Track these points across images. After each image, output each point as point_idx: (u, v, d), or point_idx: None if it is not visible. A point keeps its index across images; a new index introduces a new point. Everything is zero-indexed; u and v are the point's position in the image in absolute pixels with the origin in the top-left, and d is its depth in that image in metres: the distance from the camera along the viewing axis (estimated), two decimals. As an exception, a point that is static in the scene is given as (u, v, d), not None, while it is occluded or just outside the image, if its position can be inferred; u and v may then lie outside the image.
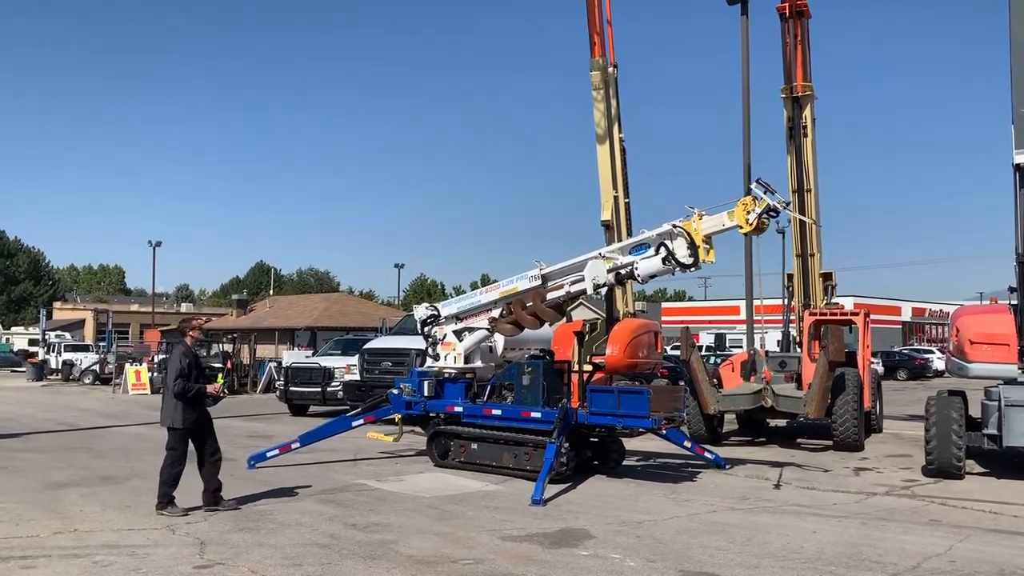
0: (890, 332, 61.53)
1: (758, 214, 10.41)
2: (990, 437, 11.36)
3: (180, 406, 8.91)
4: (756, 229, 10.56)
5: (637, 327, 18.16)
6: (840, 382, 14.55)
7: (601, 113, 19.04)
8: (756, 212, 10.40)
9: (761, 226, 10.56)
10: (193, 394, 8.97)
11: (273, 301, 64.23)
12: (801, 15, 18.65)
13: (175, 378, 8.87)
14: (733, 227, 10.61)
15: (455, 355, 12.71)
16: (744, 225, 10.48)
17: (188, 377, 8.92)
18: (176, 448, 8.96)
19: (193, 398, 9.00)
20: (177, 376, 8.86)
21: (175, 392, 8.87)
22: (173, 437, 8.99)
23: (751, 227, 10.47)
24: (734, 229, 10.65)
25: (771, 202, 10.43)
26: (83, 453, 13.88)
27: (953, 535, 8.25)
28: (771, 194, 10.47)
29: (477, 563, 7.09)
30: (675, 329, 24.19)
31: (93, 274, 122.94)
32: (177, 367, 8.91)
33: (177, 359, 9.00)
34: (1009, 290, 12.75)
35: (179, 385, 8.85)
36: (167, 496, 8.86)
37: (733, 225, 10.58)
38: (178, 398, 8.89)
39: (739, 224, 10.51)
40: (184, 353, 9.08)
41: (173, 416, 8.94)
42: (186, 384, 8.88)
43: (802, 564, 7.13)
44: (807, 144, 18.71)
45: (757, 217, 10.41)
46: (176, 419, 8.93)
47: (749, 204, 10.45)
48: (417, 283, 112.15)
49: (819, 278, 18.73)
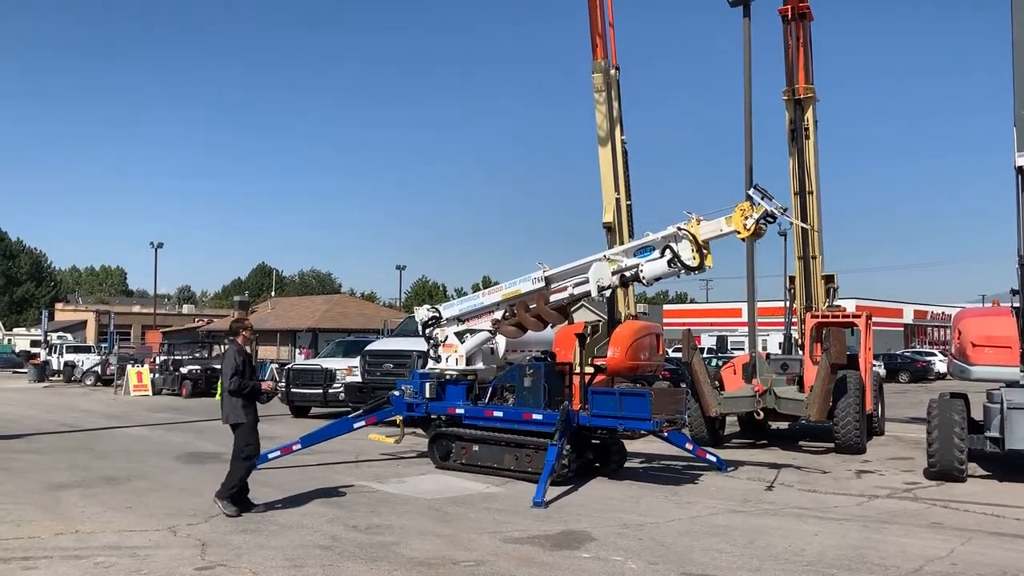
0: (892, 335, 61.49)
1: (756, 219, 10.50)
2: (992, 440, 11.35)
3: (239, 402, 9.11)
4: (754, 234, 10.64)
5: (639, 329, 18.18)
6: (842, 385, 14.54)
7: (603, 115, 19.04)
8: (754, 217, 10.49)
9: (759, 231, 10.64)
10: (248, 391, 9.18)
11: (275, 303, 64.31)
12: (803, 17, 18.63)
13: (231, 375, 9.07)
14: (731, 232, 10.69)
15: (457, 357, 12.70)
16: (742, 230, 10.56)
17: (242, 375, 9.11)
18: (250, 444, 9.14)
19: (249, 394, 9.21)
20: (232, 374, 9.07)
21: (230, 389, 9.09)
22: (242, 433, 9.15)
23: (749, 232, 10.55)
24: (732, 234, 10.72)
25: (769, 207, 10.52)
26: (85, 454, 13.89)
27: (955, 538, 8.24)
28: (768, 199, 10.55)
29: (478, 565, 7.09)
30: (677, 331, 24.19)
31: (95, 275, 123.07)
32: (232, 365, 9.12)
33: (232, 357, 9.21)
34: (1011, 292, 12.73)
35: (235, 382, 9.06)
36: (230, 491, 8.97)
37: (731, 230, 10.67)
38: (233, 395, 9.10)
39: (737, 229, 10.60)
40: (238, 352, 9.30)
41: (236, 413, 9.13)
42: (241, 381, 9.09)
43: (804, 567, 7.12)
44: (809, 146, 18.69)
45: (755, 222, 10.50)
46: (239, 415, 9.13)
47: (747, 209, 10.54)
48: (419, 285, 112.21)
49: (821, 280, 18.70)
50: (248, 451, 9.12)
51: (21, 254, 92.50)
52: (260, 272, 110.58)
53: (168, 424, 19.46)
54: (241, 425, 9.15)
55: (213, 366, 30.22)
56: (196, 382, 29.33)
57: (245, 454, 9.10)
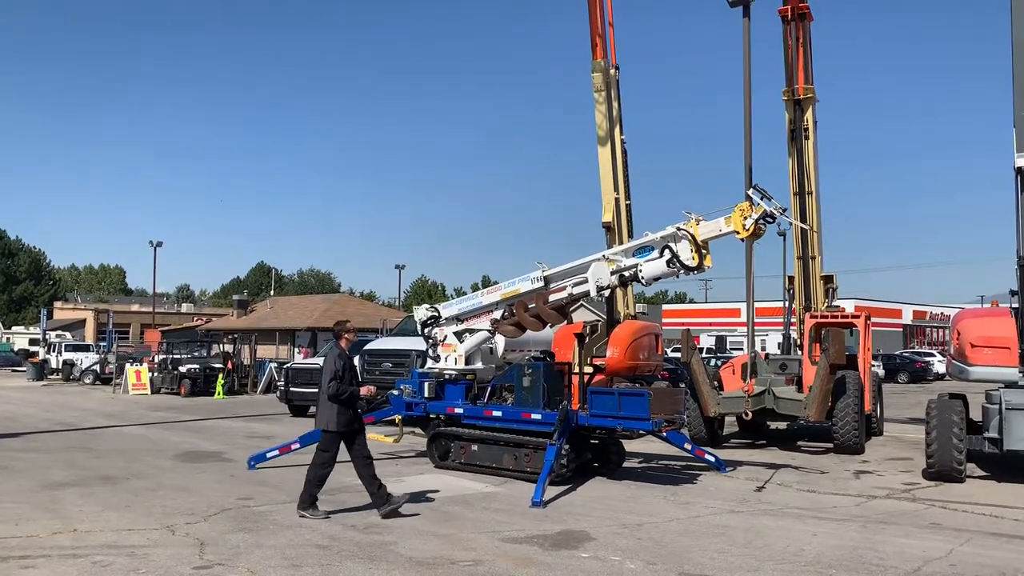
0: (891, 335, 61.52)
1: (755, 219, 10.56)
2: (991, 440, 11.34)
3: (336, 408, 8.91)
4: (753, 235, 10.69)
5: (638, 329, 18.17)
6: (841, 385, 14.54)
7: (602, 115, 19.03)
8: (753, 218, 10.54)
9: (758, 231, 10.70)
10: (347, 396, 8.97)
11: (274, 302, 64.27)
12: (803, 18, 18.64)
13: (329, 380, 8.86)
14: (730, 232, 10.73)
15: (456, 356, 12.70)
16: (741, 231, 10.59)
17: (342, 379, 8.91)
18: (328, 450, 8.97)
19: (347, 400, 9.00)
20: (331, 378, 8.85)
21: (329, 394, 8.88)
22: (326, 439, 9.00)
23: (748, 232, 10.59)
24: (732, 234, 10.73)
25: (768, 208, 10.58)
26: (83, 453, 13.87)
27: (954, 538, 8.24)
28: (768, 200, 10.59)
29: (477, 565, 7.08)
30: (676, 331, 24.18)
31: (94, 274, 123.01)
32: (332, 369, 8.89)
33: (332, 362, 8.97)
34: (1010, 293, 12.74)
35: (333, 387, 8.85)
36: (312, 497, 8.87)
37: (730, 230, 10.70)
38: (332, 400, 8.89)
39: (736, 229, 10.63)
40: (339, 356, 9.07)
41: (329, 418, 8.94)
42: (340, 386, 8.88)
43: (802, 567, 7.11)
44: (808, 147, 18.69)
45: (754, 222, 10.56)
46: (332, 421, 8.92)
47: (746, 210, 10.57)
48: (418, 284, 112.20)
49: (820, 281, 18.71)
50: (326, 457, 8.93)
51: (20, 252, 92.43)
52: (259, 271, 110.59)
53: (166, 423, 19.45)
54: (330, 433, 8.95)
55: (212, 365, 30.26)
56: (195, 381, 29.31)
57: (323, 461, 8.92)
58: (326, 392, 8.90)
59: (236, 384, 30.22)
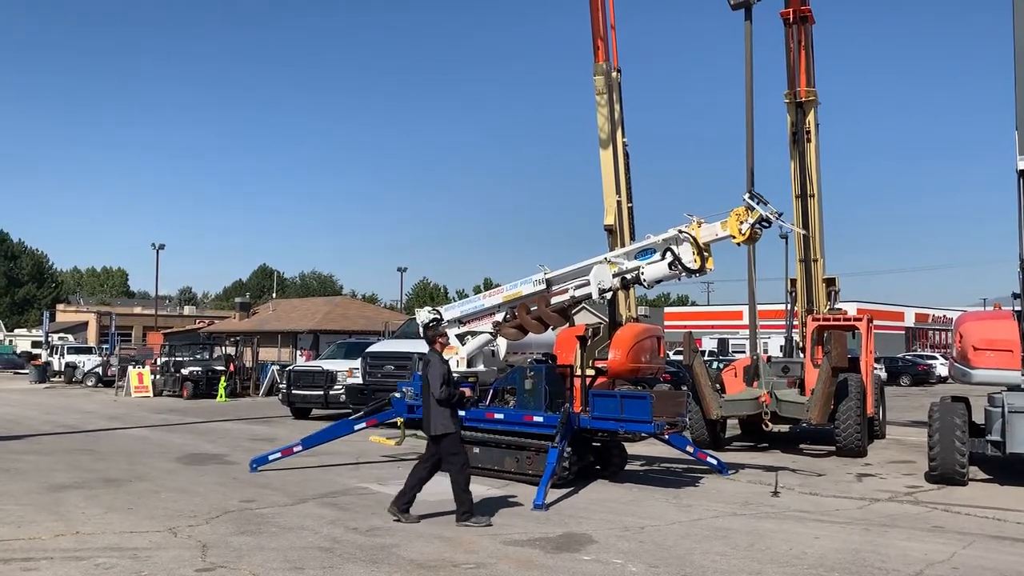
0: (893, 338, 61.45)
1: (751, 224, 10.62)
2: (993, 444, 11.33)
3: (447, 412, 8.93)
4: (749, 239, 10.75)
5: (640, 332, 18.17)
6: (843, 388, 14.53)
7: (604, 118, 19.04)
8: (749, 222, 10.62)
9: (754, 236, 10.77)
10: (457, 399, 9.08)
11: (276, 304, 64.27)
12: (805, 20, 18.64)
13: (440, 385, 8.86)
14: (727, 237, 10.79)
15: (458, 359, 12.69)
16: (737, 235, 10.67)
17: (448, 383, 8.95)
18: (458, 452, 8.96)
19: (458, 403, 9.12)
20: (442, 383, 8.87)
21: (440, 398, 8.87)
22: (451, 443, 8.94)
23: (744, 237, 10.67)
24: (728, 239, 10.78)
25: (763, 212, 10.66)
26: (85, 455, 13.89)
27: (956, 542, 8.23)
28: (763, 204, 10.65)
29: (479, 567, 7.09)
30: (678, 334, 24.19)
31: (96, 277, 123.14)
32: (440, 374, 8.93)
33: (438, 366, 9.02)
34: (1013, 296, 12.72)
35: (445, 392, 8.87)
36: (469, 503, 8.79)
37: (726, 235, 10.76)
38: (443, 404, 8.90)
39: (732, 234, 10.71)
40: (441, 360, 9.15)
41: (444, 423, 8.92)
42: (451, 390, 8.93)
43: (804, 570, 7.11)
44: (810, 149, 18.68)
45: (750, 227, 10.63)
46: (448, 424, 8.92)
47: (742, 214, 10.65)
48: (420, 287, 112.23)
49: (822, 283, 18.70)
50: (460, 460, 8.93)
51: (23, 255, 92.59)
52: (261, 274, 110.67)
53: (169, 425, 19.47)
54: (450, 435, 8.91)
55: (214, 367, 30.29)
56: (197, 383, 29.34)
57: (459, 463, 8.92)
58: (438, 397, 8.86)
59: (238, 387, 30.24)
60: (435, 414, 8.93)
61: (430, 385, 8.93)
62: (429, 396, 8.96)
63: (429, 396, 8.96)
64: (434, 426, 8.93)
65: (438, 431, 8.91)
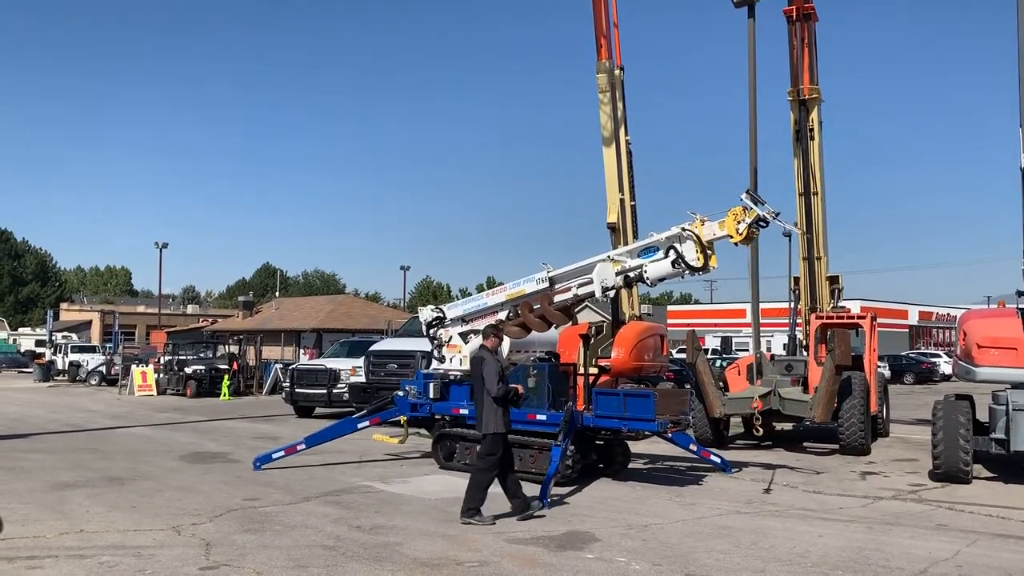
0: (897, 336, 61.36)
1: (748, 224, 10.65)
2: (997, 441, 11.31)
3: (500, 411, 8.88)
4: (746, 239, 10.80)
5: (643, 330, 18.14)
6: (847, 386, 14.51)
7: (607, 115, 19.01)
8: (746, 222, 10.68)
9: (751, 236, 10.81)
10: (513, 396, 9.02)
11: (279, 303, 64.33)
12: (808, 18, 18.61)
13: (497, 382, 8.80)
14: (724, 236, 10.81)
15: (461, 357, 12.70)
16: (735, 235, 10.73)
17: (505, 381, 8.91)
18: (494, 453, 8.85)
19: (513, 400, 9.07)
20: (499, 380, 8.83)
21: (498, 396, 8.82)
22: (493, 442, 8.86)
23: (741, 237, 10.73)
24: (725, 239, 10.81)
25: (761, 212, 10.72)
26: (89, 454, 13.92)
27: (960, 540, 8.22)
28: (761, 205, 10.69)
29: (482, 565, 7.09)
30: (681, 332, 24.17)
31: (100, 275, 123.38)
32: (496, 371, 8.88)
33: (493, 364, 8.97)
34: (1017, 294, 12.70)
35: (502, 389, 8.83)
36: (480, 502, 8.69)
37: (724, 235, 10.80)
38: (498, 402, 8.86)
39: (730, 234, 10.75)
40: (496, 357, 9.11)
41: (496, 421, 8.84)
42: (506, 388, 8.89)
43: (808, 568, 7.10)
44: (814, 147, 18.66)
45: (747, 227, 10.67)
46: (499, 424, 8.84)
47: (739, 214, 10.70)
48: (423, 285, 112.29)
49: (826, 281, 18.68)
50: (493, 461, 8.83)
51: (27, 254, 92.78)
52: (264, 272, 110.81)
53: (172, 424, 19.49)
54: (498, 435, 8.84)
55: (217, 366, 30.33)
56: (200, 382, 29.38)
57: (490, 465, 8.83)
58: (494, 394, 8.80)
59: (242, 385, 30.27)
60: (488, 412, 8.87)
61: (485, 382, 8.85)
62: (483, 394, 8.88)
63: (483, 394, 8.88)
64: (486, 424, 8.86)
65: (489, 429, 8.83)
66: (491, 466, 8.85)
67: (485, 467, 8.84)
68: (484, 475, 8.81)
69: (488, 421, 8.85)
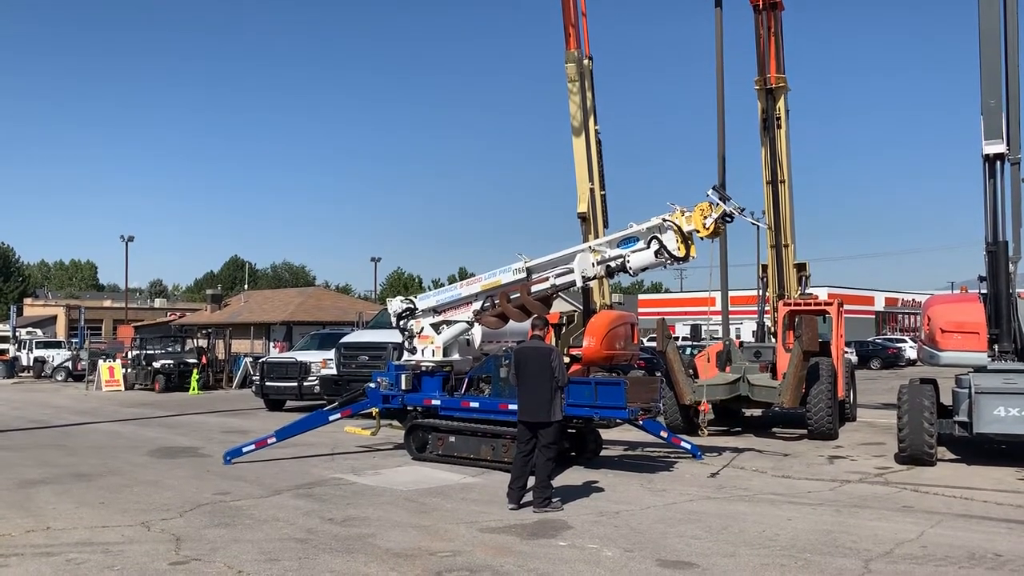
0: (863, 322, 62.19)
1: (714, 219, 10.87)
2: (961, 424, 11.52)
3: (561, 399, 9.03)
4: (713, 233, 11.03)
5: (614, 319, 18.24)
6: (814, 371, 14.69)
7: (576, 105, 19.03)
8: (712, 217, 10.89)
9: (718, 230, 11.04)
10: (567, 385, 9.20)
11: (248, 296, 63.66)
12: (775, 7, 18.75)
13: (566, 371, 8.90)
14: (691, 231, 10.98)
15: (433, 348, 12.68)
16: (702, 230, 10.96)
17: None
18: (557, 442, 9.01)
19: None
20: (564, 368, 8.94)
21: (565, 384, 8.99)
22: (556, 431, 9.02)
23: (708, 231, 10.97)
24: (692, 233, 10.97)
25: (727, 208, 10.97)
26: (56, 451, 13.71)
27: (925, 521, 8.37)
28: (726, 200, 10.91)
29: (455, 555, 7.10)
30: (651, 321, 24.31)
31: (65, 270, 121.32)
32: (561, 360, 9.01)
33: (559, 354, 9.12)
34: (979, 279, 12.94)
35: (567, 377, 8.95)
36: (550, 489, 8.87)
37: (691, 229, 10.99)
38: (562, 390, 9.01)
39: (697, 228, 10.95)
40: (553, 346, 9.17)
41: (561, 409, 9.03)
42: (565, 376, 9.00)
43: (778, 551, 7.20)
44: (781, 135, 18.83)
45: (714, 222, 10.89)
46: (561, 412, 9.03)
47: (706, 210, 10.92)
48: (394, 277, 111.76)
49: (793, 269, 18.89)
50: (556, 450, 9.03)
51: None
52: (233, 265, 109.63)
53: (141, 419, 19.26)
54: (558, 424, 9.05)
55: (186, 360, 30.00)
56: (169, 376, 29.08)
57: (553, 454, 8.99)
58: (562, 384, 8.94)
59: (211, 379, 29.98)
60: (557, 401, 8.98)
61: (557, 373, 8.90)
62: (546, 383, 8.89)
63: (546, 383, 8.89)
64: (553, 412, 8.93)
65: (557, 417, 8.98)
66: (556, 453, 9.05)
67: (553, 455, 9.01)
68: (550, 464, 8.98)
69: (556, 410, 8.98)
